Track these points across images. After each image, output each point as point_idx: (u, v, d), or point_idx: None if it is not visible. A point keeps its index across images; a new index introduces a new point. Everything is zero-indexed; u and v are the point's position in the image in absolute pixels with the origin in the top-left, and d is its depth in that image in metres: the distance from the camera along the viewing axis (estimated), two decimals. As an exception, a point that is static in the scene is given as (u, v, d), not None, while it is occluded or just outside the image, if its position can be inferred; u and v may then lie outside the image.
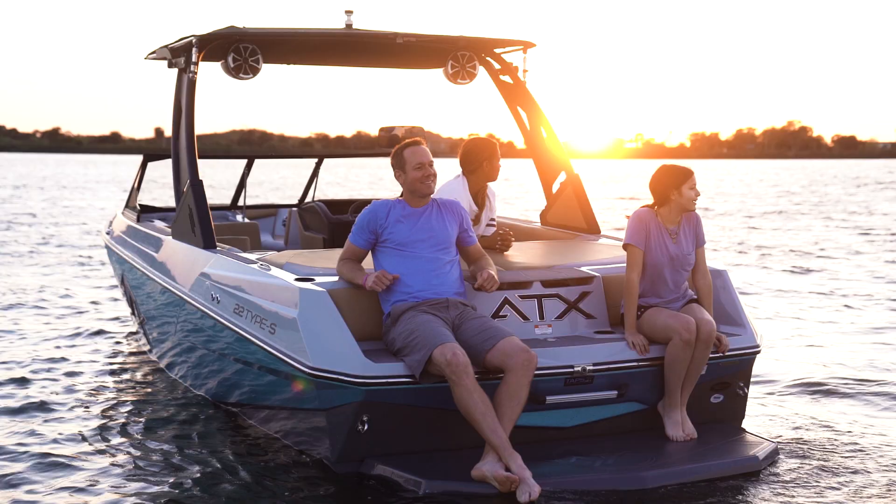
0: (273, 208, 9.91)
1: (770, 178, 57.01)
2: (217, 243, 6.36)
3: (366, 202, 8.59)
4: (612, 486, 4.77)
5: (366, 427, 4.95)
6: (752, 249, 17.20)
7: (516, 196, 36.77)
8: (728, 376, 5.56)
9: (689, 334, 5.26)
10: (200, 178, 6.50)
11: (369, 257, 5.43)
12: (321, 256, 5.97)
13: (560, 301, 5.56)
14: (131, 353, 8.23)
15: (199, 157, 6.64)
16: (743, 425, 5.72)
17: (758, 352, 5.61)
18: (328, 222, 8.34)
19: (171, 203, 9.13)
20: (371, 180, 48.50)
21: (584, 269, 5.77)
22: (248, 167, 9.10)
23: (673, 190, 5.53)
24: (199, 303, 6.12)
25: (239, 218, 9.01)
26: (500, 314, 5.44)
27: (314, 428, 5.17)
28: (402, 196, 5.43)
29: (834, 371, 7.54)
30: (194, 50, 6.73)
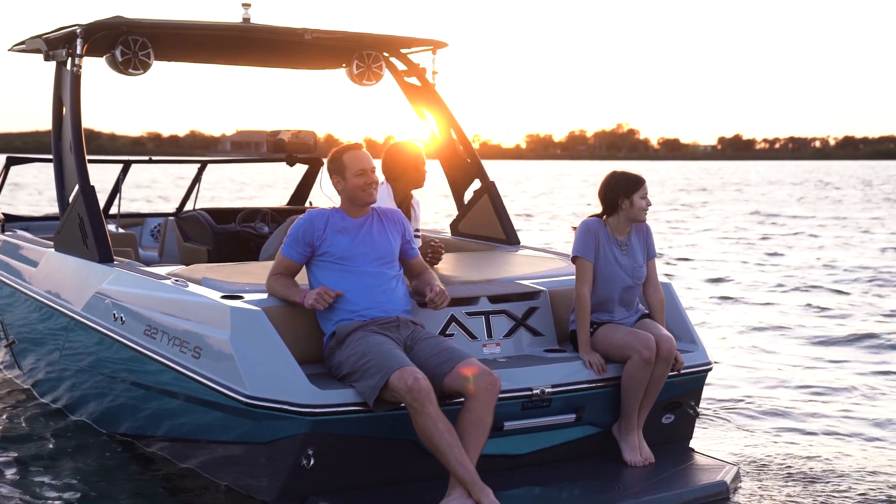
0: (139, 217, 9.18)
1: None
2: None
3: (254, 211, 8.02)
4: None
5: (311, 462, 4.44)
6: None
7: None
8: (680, 396, 5.30)
9: (649, 352, 4.96)
10: (92, 183, 5.84)
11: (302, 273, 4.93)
12: (241, 271, 5.40)
13: (508, 318, 5.18)
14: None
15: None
16: (691, 445, 5.48)
17: (710, 369, 5.37)
18: (213, 233, 7.72)
19: None
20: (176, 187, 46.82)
21: (528, 282, 5.41)
22: (124, 172, 8.36)
23: (623, 199, 5.23)
24: (96, 324, 5.45)
25: (112, 228, 8.26)
26: (447, 333, 5.02)
27: (250, 463, 4.61)
28: (340, 205, 4.94)
29: (769, 384, 7.45)
30: (79, 41, 6.05)
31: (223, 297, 4.80)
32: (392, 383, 4.34)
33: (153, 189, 42.07)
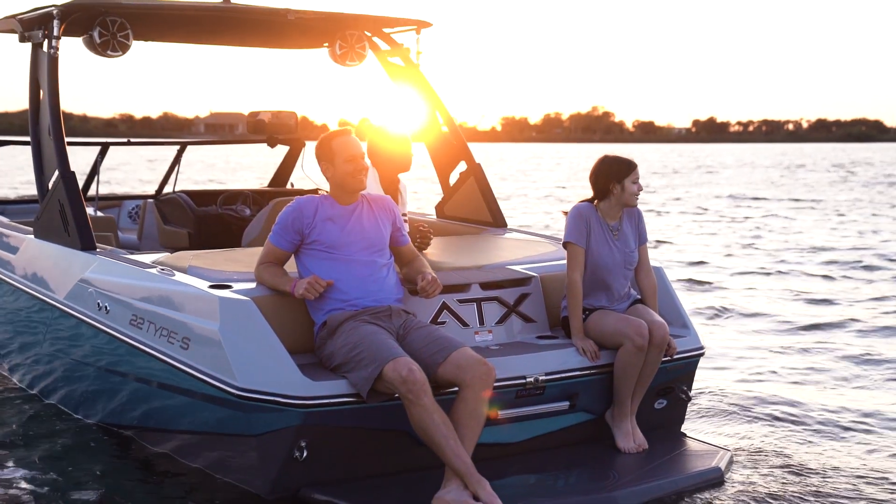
0: (117, 199, 9.04)
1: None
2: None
3: (236, 193, 7.92)
4: None
5: (304, 454, 4.37)
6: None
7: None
8: (672, 381, 5.26)
9: (642, 339, 4.92)
10: (72, 169, 5.72)
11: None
12: (227, 258, 5.31)
13: (499, 304, 5.12)
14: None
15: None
16: (683, 430, 5.45)
17: (702, 354, 5.34)
18: (194, 216, 7.61)
19: None
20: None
21: (518, 268, 5.35)
22: (102, 154, 8.21)
23: (615, 183, 5.17)
24: (79, 313, 5.35)
25: (90, 210, 8.12)
26: (439, 321, 4.95)
27: (241, 456, 4.53)
28: (329, 192, 4.85)
29: (754, 369, 7.43)
30: (55, 22, 5.90)
31: (211, 286, 4.71)
32: (386, 374, 4.27)
33: (120, 171, 41.58)
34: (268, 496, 4.47)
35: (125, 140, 8.75)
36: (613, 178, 5.15)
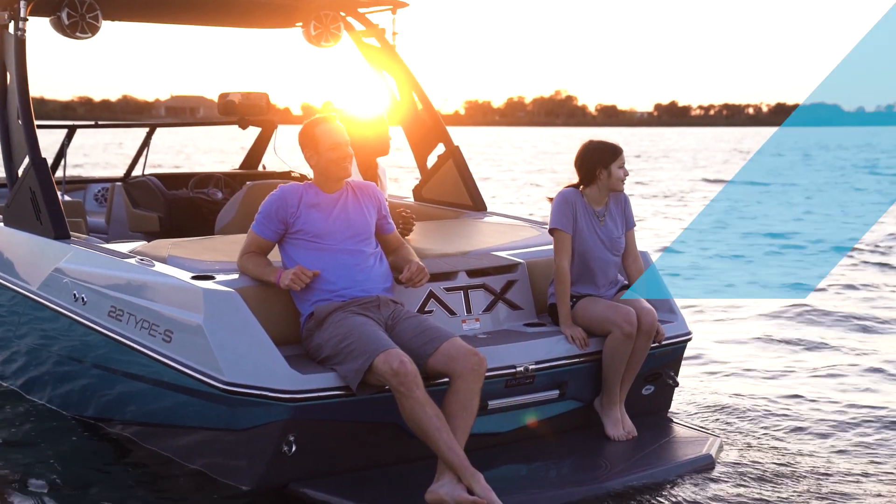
0: (82, 182, 8.86)
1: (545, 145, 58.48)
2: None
3: (207, 176, 7.76)
4: (579, 498, 4.32)
5: (292, 448, 4.28)
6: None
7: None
8: (660, 367, 5.23)
9: (630, 327, 4.87)
10: (43, 155, 5.56)
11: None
12: (207, 247, 5.18)
13: (486, 292, 5.05)
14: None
15: None
16: (669, 415, 5.43)
17: (689, 339, 5.31)
18: (164, 199, 7.44)
19: None
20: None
21: (504, 254, 5.27)
22: (69, 137, 8.01)
23: (601, 169, 5.10)
24: (54, 304, 5.21)
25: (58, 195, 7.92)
26: (426, 310, 4.87)
27: (228, 450, 4.44)
28: (312, 179, 4.74)
29: (734, 354, 7.42)
30: (22, 3, 5.73)
31: (194, 277, 4.59)
32: (377, 367, 4.19)
33: (74, 155, 40.91)
34: (254, 491, 4.37)
35: (92, 122, 8.54)
36: (599, 164, 5.09)
